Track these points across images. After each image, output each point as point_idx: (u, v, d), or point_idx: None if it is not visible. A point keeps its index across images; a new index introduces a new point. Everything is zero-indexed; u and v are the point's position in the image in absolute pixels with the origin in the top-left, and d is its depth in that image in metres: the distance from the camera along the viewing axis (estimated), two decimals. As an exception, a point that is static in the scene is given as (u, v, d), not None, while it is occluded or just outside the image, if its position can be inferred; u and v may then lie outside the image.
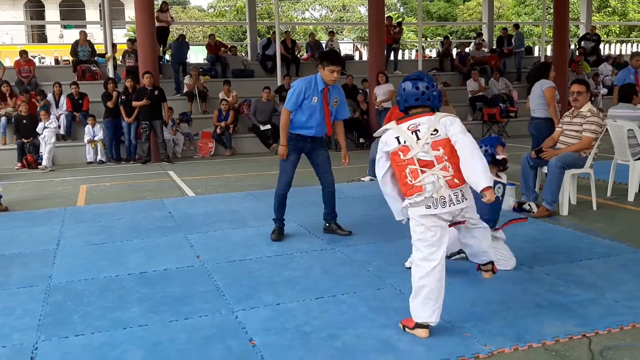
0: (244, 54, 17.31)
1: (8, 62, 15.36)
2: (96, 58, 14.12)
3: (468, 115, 14.69)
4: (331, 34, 17.22)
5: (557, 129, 6.21)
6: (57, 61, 18.96)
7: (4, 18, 28.95)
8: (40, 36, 35.21)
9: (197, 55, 20.41)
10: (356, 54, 19.46)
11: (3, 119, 11.72)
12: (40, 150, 10.91)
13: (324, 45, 16.37)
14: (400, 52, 17.64)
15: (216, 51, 15.17)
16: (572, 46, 18.44)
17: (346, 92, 8.46)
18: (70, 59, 14.58)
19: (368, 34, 13.46)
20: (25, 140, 10.94)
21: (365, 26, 14.87)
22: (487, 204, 3.10)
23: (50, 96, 12.21)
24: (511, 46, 16.72)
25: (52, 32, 33.75)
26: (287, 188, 5.25)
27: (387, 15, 15.98)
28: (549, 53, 17.65)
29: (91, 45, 14.20)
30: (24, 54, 13.25)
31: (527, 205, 5.89)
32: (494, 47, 17.51)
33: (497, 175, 4.15)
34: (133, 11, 12.19)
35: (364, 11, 35.18)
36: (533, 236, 5.06)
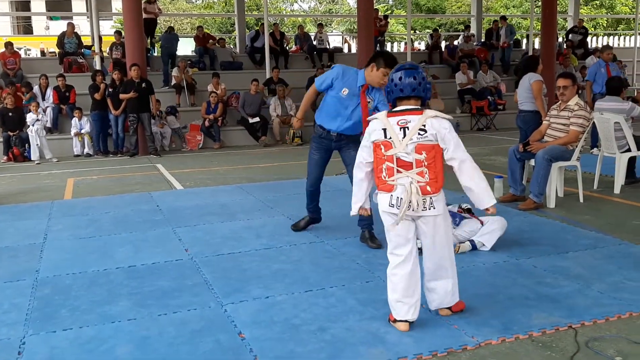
0: (232, 46, 17.24)
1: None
2: (83, 50, 14.00)
3: (456, 108, 14.73)
4: (320, 26, 17.17)
5: (544, 122, 6.25)
6: (43, 53, 18.79)
7: (-12, 9, 28.60)
8: (26, 28, 34.83)
9: (185, 47, 20.28)
10: (345, 46, 19.42)
11: (-12, 111, 11.62)
12: (25, 144, 10.82)
13: (312, 38, 16.31)
14: (388, 44, 17.65)
15: (204, 43, 15.09)
16: (560, 39, 18.53)
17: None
18: (57, 50, 14.45)
19: (357, 26, 13.42)
20: (11, 133, 10.84)
21: (354, 18, 14.82)
22: None
23: (36, 88, 12.10)
24: (500, 39, 16.73)
25: (38, 23, 33.39)
26: (315, 185, 4.99)
27: (374, 7, 15.92)
28: (537, 46, 17.73)
29: (78, 37, 14.08)
30: (9, 45, 13.10)
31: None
32: (482, 40, 17.54)
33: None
34: (120, 2, 12.08)
35: (352, 3, 35.10)
36: (520, 228, 5.09)
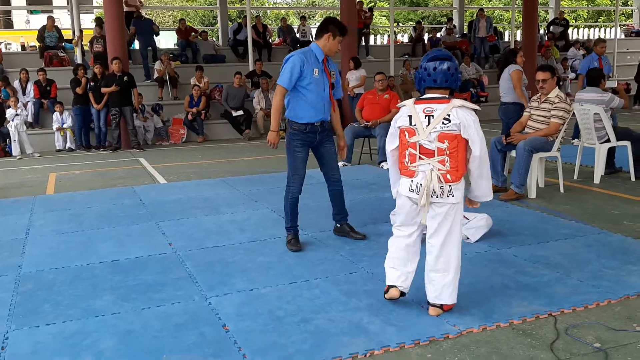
0: (215, 39, 17.13)
1: (-28, 48, 14.99)
2: (64, 44, 13.85)
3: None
4: (303, 18, 17.11)
5: (524, 113, 6.31)
6: (23, 47, 18.52)
7: (-34, 3, 28.14)
8: (5, 22, 34.33)
9: (167, 40, 20.14)
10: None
11: (-33, 107, 11.47)
12: (7, 139, 10.70)
13: (295, 30, 16.27)
14: (372, 37, 17.63)
15: (187, 36, 15.00)
16: (542, 31, 18.65)
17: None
18: (37, 44, 14.29)
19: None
20: (-10, 128, 10.72)
21: (337, 11, 14.80)
22: None
23: (16, 83, 11.96)
24: (478, 31, 16.69)
25: (18, 17, 32.91)
26: (300, 190, 4.58)
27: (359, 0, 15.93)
28: (518, 38, 17.84)
29: (58, 30, 13.92)
30: (-12, 40, 12.94)
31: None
32: (464, 32, 17.60)
33: None
34: (101, -5, 11.99)
35: (335, -4, 35.03)
36: (502, 218, 5.15)
